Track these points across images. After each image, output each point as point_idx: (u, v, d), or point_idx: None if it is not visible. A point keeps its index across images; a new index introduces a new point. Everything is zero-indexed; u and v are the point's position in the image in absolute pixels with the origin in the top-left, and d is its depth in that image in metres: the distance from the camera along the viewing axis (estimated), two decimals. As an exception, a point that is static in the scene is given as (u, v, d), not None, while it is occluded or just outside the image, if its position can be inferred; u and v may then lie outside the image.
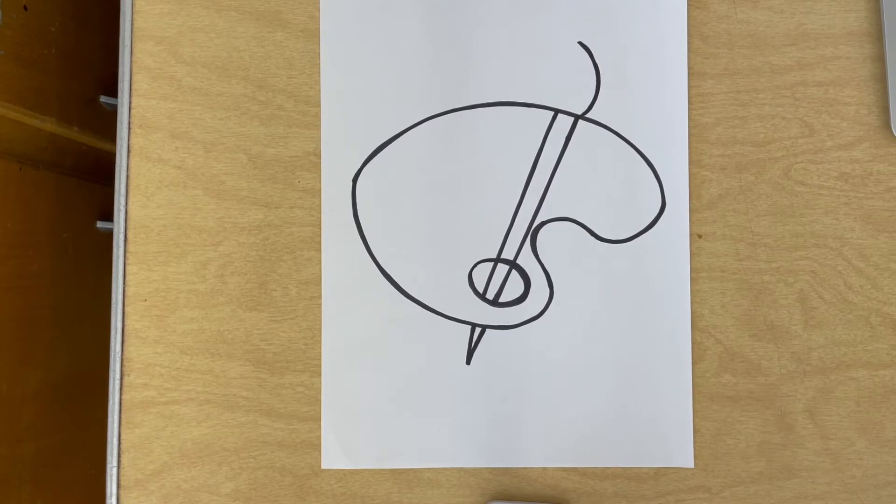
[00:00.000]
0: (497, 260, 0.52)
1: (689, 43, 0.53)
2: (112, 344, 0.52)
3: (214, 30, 0.53)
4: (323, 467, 0.52)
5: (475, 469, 0.52)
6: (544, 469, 0.52)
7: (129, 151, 0.53)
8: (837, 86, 0.53)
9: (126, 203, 0.53)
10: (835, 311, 0.52)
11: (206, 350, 0.52)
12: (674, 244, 0.52)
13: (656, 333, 0.52)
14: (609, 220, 0.52)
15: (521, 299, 0.52)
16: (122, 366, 0.52)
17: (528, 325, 0.52)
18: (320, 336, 0.52)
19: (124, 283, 0.52)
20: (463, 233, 0.52)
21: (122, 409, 0.52)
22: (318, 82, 0.53)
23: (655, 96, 0.52)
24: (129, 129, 0.53)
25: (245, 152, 0.53)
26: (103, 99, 0.76)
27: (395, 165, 0.53)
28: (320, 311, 0.52)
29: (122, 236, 0.53)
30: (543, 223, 0.52)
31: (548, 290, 0.52)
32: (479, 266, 0.52)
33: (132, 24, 0.53)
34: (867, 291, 0.52)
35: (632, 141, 0.52)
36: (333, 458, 0.52)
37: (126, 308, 0.52)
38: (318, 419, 0.52)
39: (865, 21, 0.53)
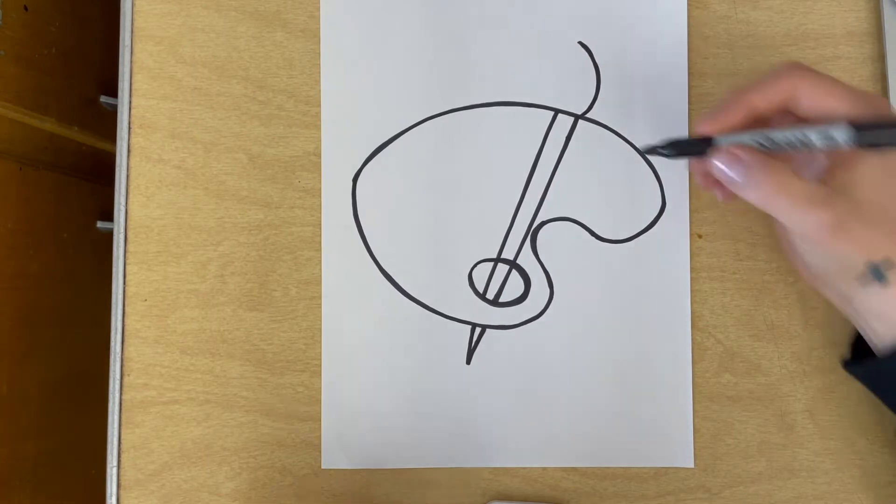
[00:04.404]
0: (497, 260, 0.52)
1: (689, 43, 0.53)
2: (112, 344, 0.52)
3: (214, 30, 0.53)
4: (323, 467, 0.52)
5: (475, 469, 0.52)
6: (544, 469, 0.52)
7: (129, 151, 0.53)
8: (837, 86, 0.53)
9: (126, 203, 0.53)
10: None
11: (206, 350, 0.52)
12: (674, 244, 0.52)
13: (656, 333, 0.52)
14: (609, 220, 0.52)
15: (521, 299, 0.52)
16: (122, 366, 0.52)
17: (528, 324, 0.52)
18: (320, 336, 0.52)
19: (124, 283, 0.52)
20: (463, 233, 0.52)
21: (122, 409, 0.52)
22: (318, 82, 0.53)
23: (655, 96, 0.52)
24: (129, 129, 0.53)
25: (245, 152, 0.53)
26: (103, 99, 0.76)
27: (395, 165, 0.53)
28: (320, 311, 0.52)
29: (122, 236, 0.53)
30: (543, 223, 0.52)
31: (548, 290, 0.52)
32: (479, 266, 0.52)
33: (132, 24, 0.53)
34: (867, 291, 0.52)
35: (632, 141, 0.52)
36: (333, 458, 0.52)
37: (126, 308, 0.52)
38: (318, 419, 0.52)
39: (865, 21, 0.53)
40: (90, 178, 0.77)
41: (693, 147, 0.44)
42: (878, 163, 0.41)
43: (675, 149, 0.45)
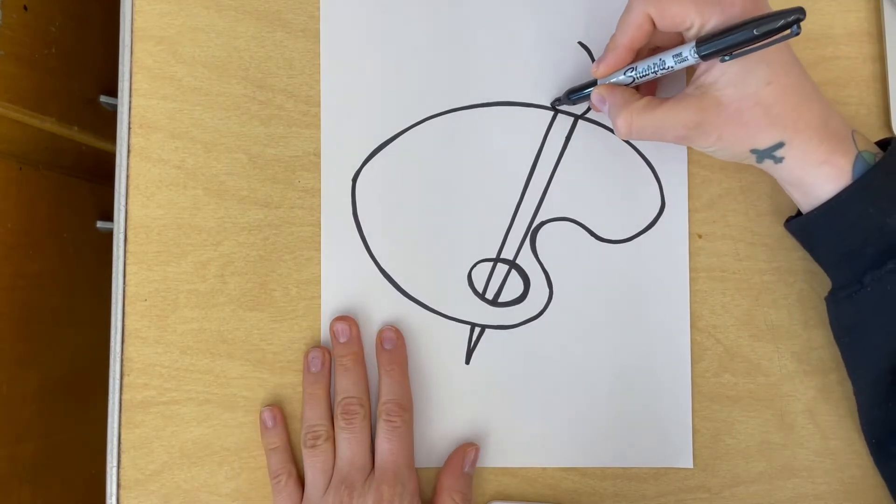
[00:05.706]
0: (497, 260, 0.52)
1: (688, 43, 0.53)
2: (112, 344, 0.52)
3: (214, 30, 0.53)
4: (323, 467, 0.52)
5: (475, 469, 0.51)
6: (544, 469, 0.52)
7: (129, 151, 0.53)
8: (837, 86, 0.53)
9: (126, 203, 0.53)
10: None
11: (206, 350, 0.52)
12: (673, 244, 0.52)
13: (656, 333, 0.52)
14: (609, 220, 0.52)
15: (520, 299, 0.52)
16: (122, 366, 0.52)
17: (528, 324, 0.52)
18: (320, 336, 0.52)
19: (124, 283, 0.52)
20: (463, 232, 0.52)
21: (122, 409, 0.52)
22: (318, 82, 0.53)
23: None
24: (129, 129, 0.53)
25: (245, 152, 0.53)
26: (103, 99, 0.76)
27: (395, 165, 0.53)
28: (320, 311, 0.52)
29: (122, 236, 0.53)
30: (543, 223, 0.52)
31: (547, 290, 0.52)
32: (478, 266, 0.52)
33: (132, 24, 0.53)
34: (867, 291, 0.52)
35: (631, 141, 0.52)
36: (333, 458, 0.52)
37: (126, 308, 0.52)
38: (318, 419, 0.52)
39: (865, 21, 0.53)
40: (90, 178, 0.77)
41: (584, 91, 0.50)
42: (734, 64, 0.43)
43: (574, 94, 0.50)
